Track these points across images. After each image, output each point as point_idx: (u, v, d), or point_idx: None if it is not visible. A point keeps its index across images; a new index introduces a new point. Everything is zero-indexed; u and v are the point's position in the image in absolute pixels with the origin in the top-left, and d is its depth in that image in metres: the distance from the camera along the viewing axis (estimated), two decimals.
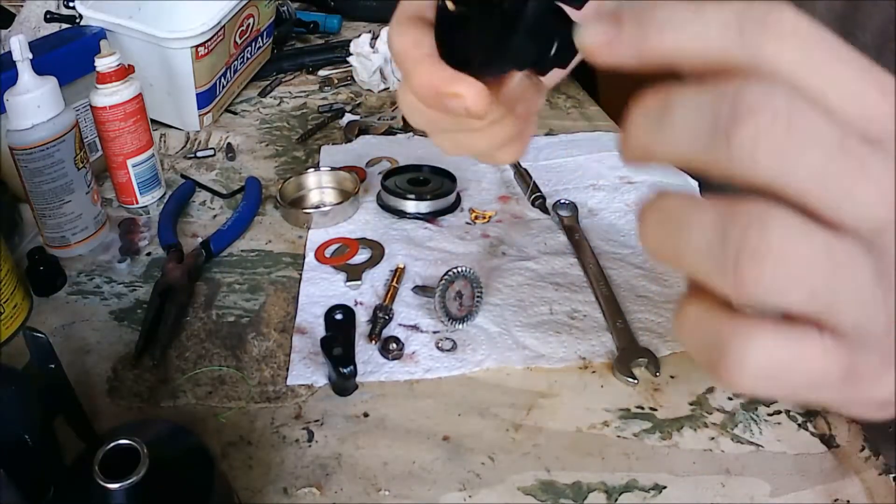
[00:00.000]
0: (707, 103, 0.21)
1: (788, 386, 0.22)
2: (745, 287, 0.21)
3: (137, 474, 0.32)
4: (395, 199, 0.69)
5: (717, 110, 0.20)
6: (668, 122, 0.22)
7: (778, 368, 0.22)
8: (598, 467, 0.45)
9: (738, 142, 0.20)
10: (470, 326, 0.55)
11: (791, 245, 0.20)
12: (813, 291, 0.21)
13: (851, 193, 0.21)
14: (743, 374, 0.22)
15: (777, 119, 0.20)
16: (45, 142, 0.59)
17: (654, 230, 0.23)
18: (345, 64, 1.00)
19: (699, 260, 0.21)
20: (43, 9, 0.83)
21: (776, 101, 0.20)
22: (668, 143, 0.22)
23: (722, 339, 0.22)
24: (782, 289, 0.20)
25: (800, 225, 0.20)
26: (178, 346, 0.54)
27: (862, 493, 0.43)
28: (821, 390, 0.23)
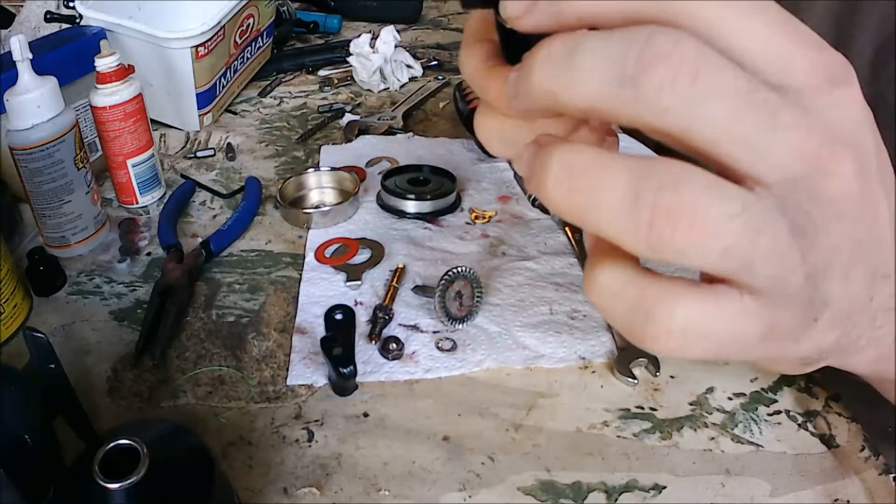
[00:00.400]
0: (616, 49, 0.20)
1: (713, 346, 0.22)
2: (660, 248, 0.20)
3: (137, 474, 0.32)
4: (395, 199, 0.69)
5: (626, 55, 0.20)
6: (576, 66, 0.21)
7: (702, 330, 0.22)
8: (598, 467, 0.45)
9: (645, 89, 0.20)
10: (470, 326, 0.55)
11: (705, 205, 0.20)
12: (727, 251, 0.20)
13: (763, 146, 0.21)
14: (669, 338, 0.22)
15: (684, 66, 0.20)
16: (45, 142, 0.59)
17: (561, 186, 0.22)
18: (345, 64, 1.00)
19: (611, 219, 0.21)
20: (43, 9, 0.83)
21: (685, 48, 0.20)
22: (574, 87, 0.21)
23: (645, 304, 0.22)
24: (697, 249, 0.20)
25: (714, 184, 0.20)
26: (178, 346, 0.54)
27: (862, 493, 0.43)
28: (744, 349, 0.23)
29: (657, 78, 0.20)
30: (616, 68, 0.20)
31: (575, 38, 0.21)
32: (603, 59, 0.20)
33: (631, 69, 0.20)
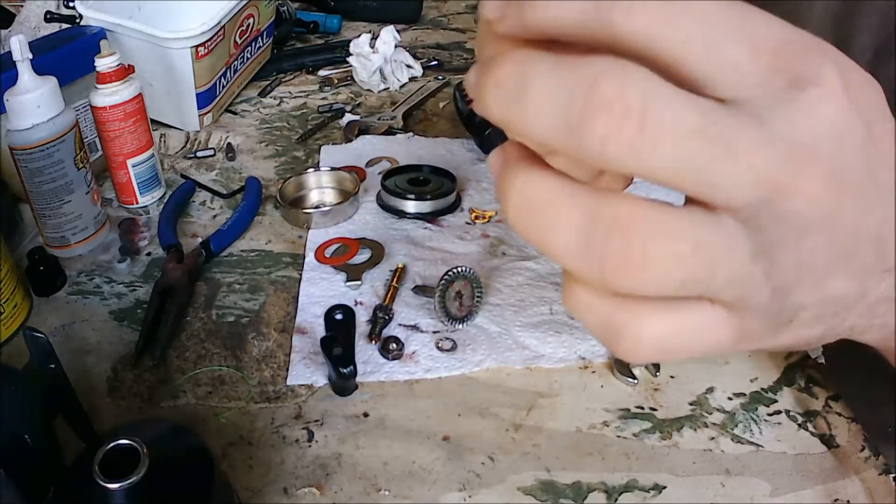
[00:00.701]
0: (562, 91, 0.20)
1: (686, 354, 0.23)
2: (615, 285, 0.21)
3: (137, 474, 0.32)
4: (395, 199, 0.69)
5: (572, 101, 0.19)
6: (524, 103, 0.21)
7: (672, 343, 0.22)
8: (598, 467, 0.45)
9: (589, 138, 0.19)
10: (470, 326, 0.55)
11: (654, 248, 0.20)
12: (683, 284, 0.21)
13: (719, 179, 0.20)
14: (640, 352, 0.22)
15: (630, 116, 0.19)
16: (45, 142, 0.59)
17: (520, 216, 0.22)
18: (345, 64, 1.00)
19: (565, 256, 0.21)
20: (43, 9, 0.83)
21: (630, 93, 0.19)
22: (525, 124, 0.21)
23: (613, 323, 0.23)
24: (651, 286, 0.21)
25: (666, 222, 0.20)
26: (178, 346, 0.54)
27: (862, 493, 0.43)
28: (718, 351, 0.23)
29: (600, 129, 0.19)
30: (562, 114, 0.20)
31: (524, 70, 0.21)
32: (549, 100, 0.20)
33: (576, 117, 0.19)
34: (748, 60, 0.20)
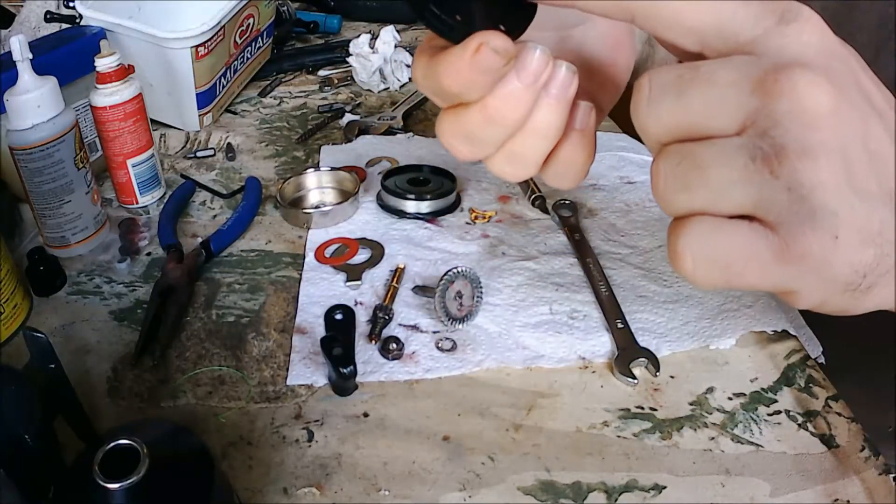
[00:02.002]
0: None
1: (722, 266, 0.27)
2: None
3: (137, 474, 0.32)
4: (395, 199, 0.69)
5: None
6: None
7: (706, 250, 0.27)
8: (598, 467, 0.45)
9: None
10: (470, 326, 0.55)
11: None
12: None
13: (713, 112, 0.26)
14: (678, 261, 0.27)
15: (640, 92, 0.27)
16: (45, 142, 0.59)
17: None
18: (345, 64, 1.00)
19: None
20: (43, 9, 0.83)
21: (640, 81, 0.27)
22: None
23: (670, 237, 0.28)
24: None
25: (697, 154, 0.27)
26: (178, 346, 0.54)
27: (862, 493, 0.43)
28: (763, 272, 0.26)
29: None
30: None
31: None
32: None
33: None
34: (742, 9, 0.26)
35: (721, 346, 0.53)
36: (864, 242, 0.25)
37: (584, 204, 0.70)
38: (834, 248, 0.25)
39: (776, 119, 0.25)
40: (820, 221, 0.25)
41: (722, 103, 0.26)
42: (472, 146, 0.32)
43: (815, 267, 0.26)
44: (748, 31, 0.26)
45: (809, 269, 0.26)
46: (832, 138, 0.25)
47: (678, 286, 0.59)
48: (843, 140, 0.25)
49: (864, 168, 0.25)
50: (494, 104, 0.29)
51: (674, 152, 0.27)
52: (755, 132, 0.25)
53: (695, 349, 0.53)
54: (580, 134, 0.32)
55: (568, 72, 0.30)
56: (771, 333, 0.54)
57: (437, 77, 0.29)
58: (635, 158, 0.77)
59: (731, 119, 0.26)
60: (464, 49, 0.28)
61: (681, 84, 0.27)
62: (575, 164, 0.33)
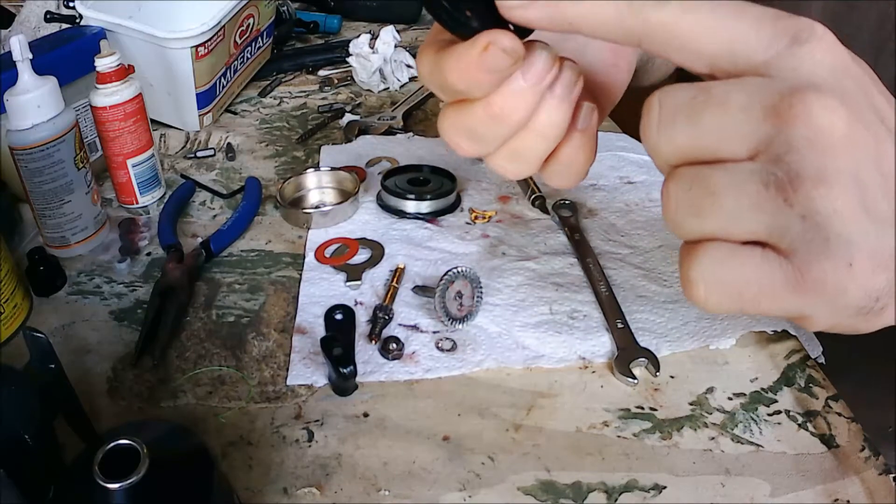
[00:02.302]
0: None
1: (734, 294, 0.27)
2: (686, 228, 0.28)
3: (137, 474, 0.32)
4: (395, 199, 0.69)
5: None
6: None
7: (719, 277, 0.27)
8: (598, 467, 0.45)
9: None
10: (470, 326, 0.55)
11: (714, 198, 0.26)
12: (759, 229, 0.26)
13: (725, 137, 0.26)
14: (691, 287, 0.27)
15: (650, 114, 0.27)
16: (45, 142, 0.59)
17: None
18: (345, 64, 1.00)
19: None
20: (43, 9, 0.83)
21: (650, 101, 0.27)
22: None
23: (681, 262, 0.28)
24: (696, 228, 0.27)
25: (711, 176, 0.26)
26: (178, 346, 0.54)
27: (862, 493, 0.43)
28: (776, 300, 0.26)
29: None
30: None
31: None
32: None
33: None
34: (754, 31, 0.26)
35: (721, 346, 0.53)
36: (878, 267, 0.25)
37: (584, 204, 0.70)
38: (848, 275, 0.25)
39: (791, 145, 0.24)
40: (834, 249, 0.25)
41: (735, 128, 0.25)
42: (474, 142, 0.32)
43: (829, 294, 0.25)
44: (761, 54, 0.26)
45: (823, 296, 0.26)
46: (847, 163, 0.24)
47: (678, 286, 0.59)
48: (857, 164, 0.25)
49: (877, 190, 0.25)
50: (499, 102, 0.29)
51: (685, 176, 0.27)
52: (768, 158, 0.25)
53: (695, 349, 0.53)
54: (581, 134, 0.32)
55: (573, 73, 0.30)
56: (771, 333, 0.54)
57: (443, 73, 0.29)
58: (635, 158, 0.77)
59: (744, 144, 0.25)
60: (472, 47, 0.28)
61: (693, 107, 0.26)
62: (575, 163, 0.33)
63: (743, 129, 0.25)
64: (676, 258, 0.66)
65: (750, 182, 0.25)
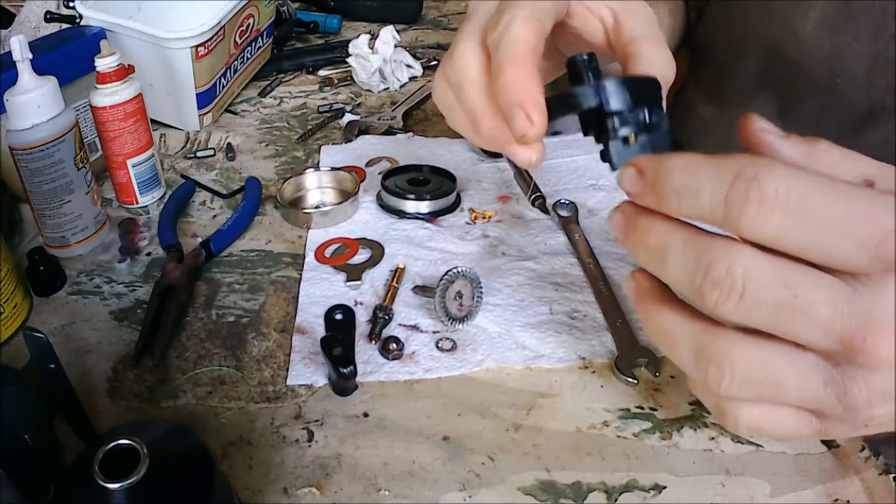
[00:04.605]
0: (689, 263, 0.29)
1: (778, 437, 0.32)
2: (716, 391, 0.30)
3: (137, 474, 0.32)
4: (395, 199, 0.69)
5: (695, 272, 0.29)
6: (664, 263, 0.31)
7: (763, 427, 0.31)
8: (598, 467, 0.45)
9: (707, 302, 0.29)
10: (470, 326, 0.55)
11: (739, 370, 0.30)
12: (761, 395, 0.30)
13: (802, 332, 0.28)
14: (738, 428, 0.31)
15: (733, 292, 0.28)
16: (45, 142, 0.59)
17: (654, 337, 0.34)
18: (345, 64, 1.00)
19: (687, 369, 0.32)
20: (43, 9, 0.83)
21: (735, 272, 0.28)
22: (663, 275, 0.31)
23: (720, 407, 0.32)
24: (739, 394, 0.30)
25: (751, 352, 0.30)
26: (178, 346, 0.54)
27: (862, 493, 0.43)
28: (803, 438, 0.32)
29: (713, 297, 0.29)
30: (689, 280, 0.29)
31: (664, 244, 0.30)
32: (680, 269, 0.30)
33: (698, 283, 0.29)
34: (855, 255, 0.27)
35: None
36: (885, 402, 0.30)
37: (584, 204, 0.70)
38: (864, 430, 0.31)
39: (852, 363, 0.29)
40: (860, 420, 0.30)
41: (810, 333, 0.28)
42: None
43: (840, 433, 0.32)
44: (862, 266, 0.28)
45: (832, 434, 0.32)
46: (889, 380, 0.29)
47: None
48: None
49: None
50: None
51: (751, 353, 0.29)
52: (833, 362, 0.29)
53: None
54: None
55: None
56: None
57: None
58: None
59: (813, 343, 0.29)
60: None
61: (777, 296, 0.28)
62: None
63: (816, 337, 0.28)
64: None
65: (813, 378, 0.29)
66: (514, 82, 0.35)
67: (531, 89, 0.34)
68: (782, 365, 0.29)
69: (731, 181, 0.27)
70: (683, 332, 0.31)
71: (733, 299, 0.28)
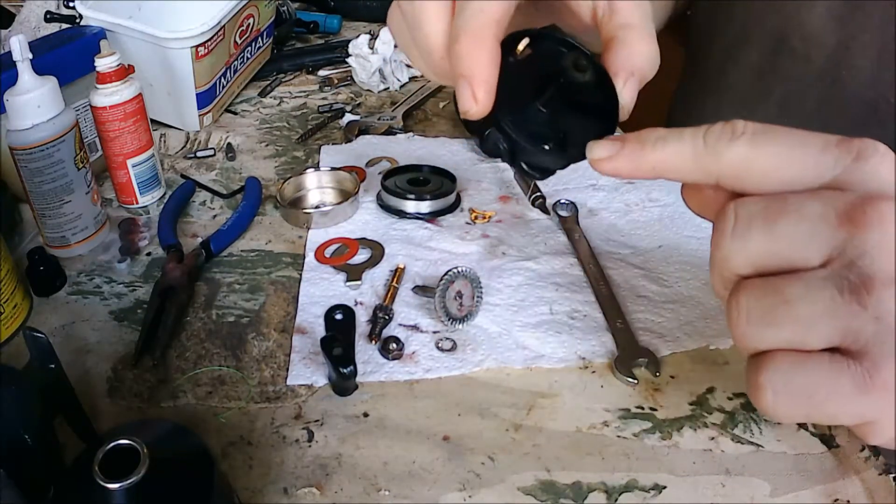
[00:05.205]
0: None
1: (810, 398, 0.27)
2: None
3: (137, 474, 0.32)
4: (395, 199, 0.69)
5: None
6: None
7: (796, 385, 0.27)
8: (598, 467, 0.45)
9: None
10: (470, 326, 0.55)
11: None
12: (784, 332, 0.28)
13: (798, 244, 0.28)
14: (759, 394, 0.28)
15: (726, 221, 0.29)
16: (45, 142, 0.59)
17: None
18: (345, 64, 1.00)
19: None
20: (43, 9, 0.83)
21: (727, 211, 0.30)
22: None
23: (749, 368, 0.29)
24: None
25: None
26: (178, 346, 0.54)
27: (862, 493, 0.43)
28: (843, 405, 0.27)
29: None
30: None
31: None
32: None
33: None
34: (822, 154, 0.28)
35: (721, 346, 0.53)
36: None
37: (584, 204, 0.70)
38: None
39: (863, 249, 0.26)
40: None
41: (810, 235, 0.27)
42: None
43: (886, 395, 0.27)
44: (829, 172, 0.28)
45: (890, 397, 0.26)
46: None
47: (678, 286, 0.59)
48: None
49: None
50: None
51: (757, 287, 0.28)
52: (841, 264, 0.27)
53: (695, 349, 0.53)
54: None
55: None
56: None
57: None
58: None
59: (818, 250, 0.27)
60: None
61: (769, 215, 0.28)
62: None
63: (818, 236, 0.27)
64: (676, 258, 0.67)
65: (825, 289, 0.27)
66: (468, 56, 0.34)
67: (483, 68, 0.34)
68: (789, 282, 0.27)
69: (707, 128, 0.30)
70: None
71: (727, 230, 0.28)
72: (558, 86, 0.35)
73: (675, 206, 0.67)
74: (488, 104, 0.35)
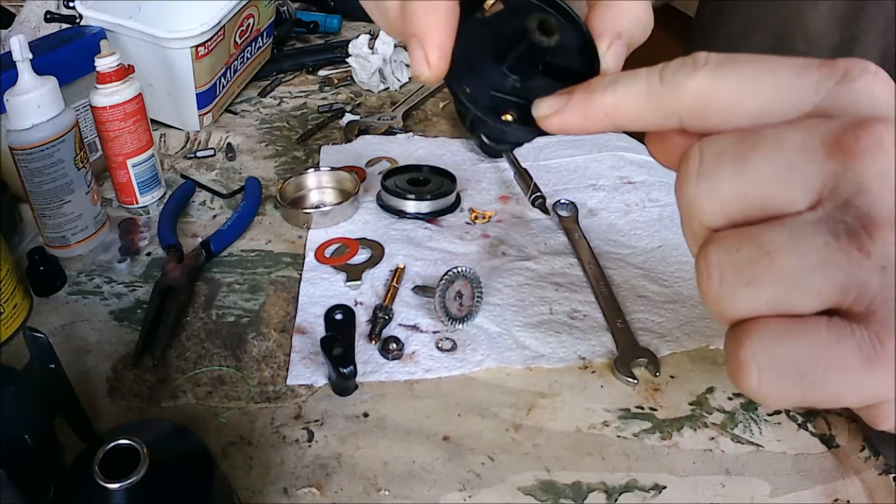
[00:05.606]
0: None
1: (805, 375, 0.21)
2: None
3: (137, 474, 0.32)
4: (395, 199, 0.69)
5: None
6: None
7: (786, 358, 0.21)
8: (598, 467, 0.45)
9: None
10: (470, 326, 0.55)
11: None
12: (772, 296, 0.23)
13: (786, 183, 0.23)
14: (750, 371, 0.22)
15: (692, 161, 0.24)
16: (45, 142, 0.59)
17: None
18: (345, 64, 1.00)
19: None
20: (43, 9, 0.83)
21: (692, 150, 0.24)
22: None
23: (728, 341, 0.23)
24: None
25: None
26: (178, 346, 0.54)
27: (862, 493, 0.43)
28: (846, 378, 0.21)
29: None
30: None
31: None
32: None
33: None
34: (798, 78, 0.23)
35: (721, 346, 0.53)
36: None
37: (584, 204, 0.70)
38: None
39: (861, 183, 0.21)
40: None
41: (792, 171, 0.22)
42: None
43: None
44: (811, 98, 0.23)
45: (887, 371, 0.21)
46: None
47: (678, 286, 0.59)
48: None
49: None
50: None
51: (730, 238, 0.22)
52: (834, 203, 0.21)
53: (695, 349, 0.53)
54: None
55: None
56: None
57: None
58: (635, 158, 0.77)
59: (804, 190, 0.22)
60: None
61: (741, 150, 0.23)
62: None
63: (802, 172, 0.22)
64: (676, 258, 0.66)
65: (815, 234, 0.21)
66: (421, 12, 0.29)
67: (436, 27, 0.29)
68: (769, 229, 0.22)
69: (664, 63, 0.25)
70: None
71: (691, 171, 0.24)
72: (528, 48, 0.30)
73: (675, 206, 0.67)
74: (442, 68, 0.30)
